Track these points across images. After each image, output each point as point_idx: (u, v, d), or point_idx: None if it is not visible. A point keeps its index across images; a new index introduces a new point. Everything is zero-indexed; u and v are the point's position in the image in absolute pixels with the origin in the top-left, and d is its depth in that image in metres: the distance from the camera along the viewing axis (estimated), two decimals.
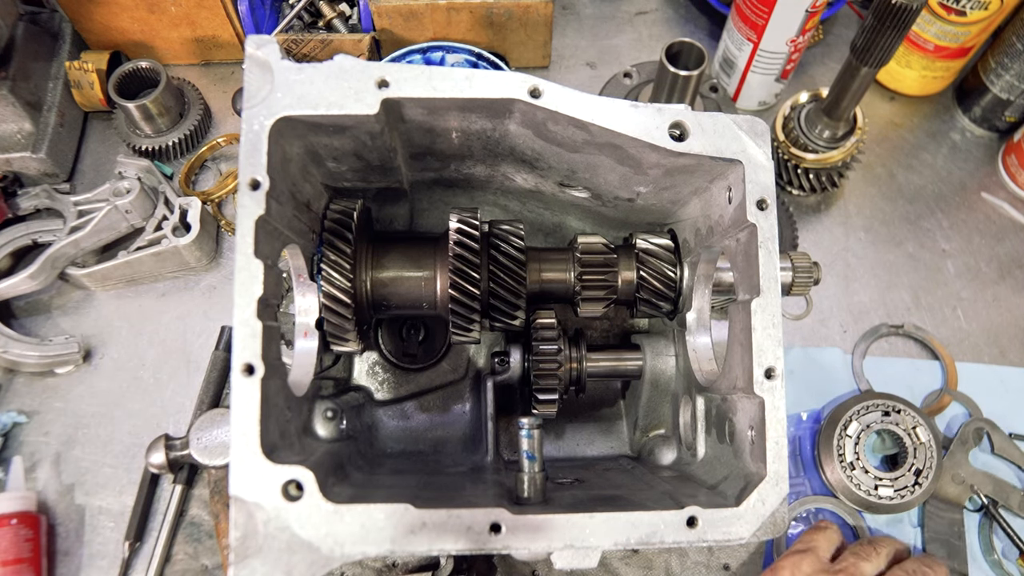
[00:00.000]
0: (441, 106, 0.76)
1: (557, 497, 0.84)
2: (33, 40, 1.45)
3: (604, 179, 0.90)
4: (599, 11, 1.73)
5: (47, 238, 1.32)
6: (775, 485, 0.72)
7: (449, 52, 1.44)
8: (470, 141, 0.86)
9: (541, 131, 0.81)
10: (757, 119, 0.78)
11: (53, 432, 1.27)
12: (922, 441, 1.19)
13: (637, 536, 0.71)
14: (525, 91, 0.74)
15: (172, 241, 1.31)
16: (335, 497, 0.68)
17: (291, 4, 1.58)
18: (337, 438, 0.95)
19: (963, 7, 1.38)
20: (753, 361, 0.74)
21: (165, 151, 1.47)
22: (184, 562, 1.18)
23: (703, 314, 0.95)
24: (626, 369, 1.04)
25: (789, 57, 1.46)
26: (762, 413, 0.74)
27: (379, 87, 0.72)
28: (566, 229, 1.11)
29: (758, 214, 0.76)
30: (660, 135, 0.76)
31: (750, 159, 0.77)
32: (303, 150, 0.80)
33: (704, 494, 0.81)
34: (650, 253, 0.96)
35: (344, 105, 0.72)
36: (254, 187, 0.70)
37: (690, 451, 0.95)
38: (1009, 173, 1.53)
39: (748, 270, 0.78)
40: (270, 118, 0.71)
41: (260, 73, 0.71)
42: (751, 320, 0.75)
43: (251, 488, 0.66)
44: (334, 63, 0.73)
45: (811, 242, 1.47)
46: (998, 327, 1.40)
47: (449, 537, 0.69)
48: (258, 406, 0.67)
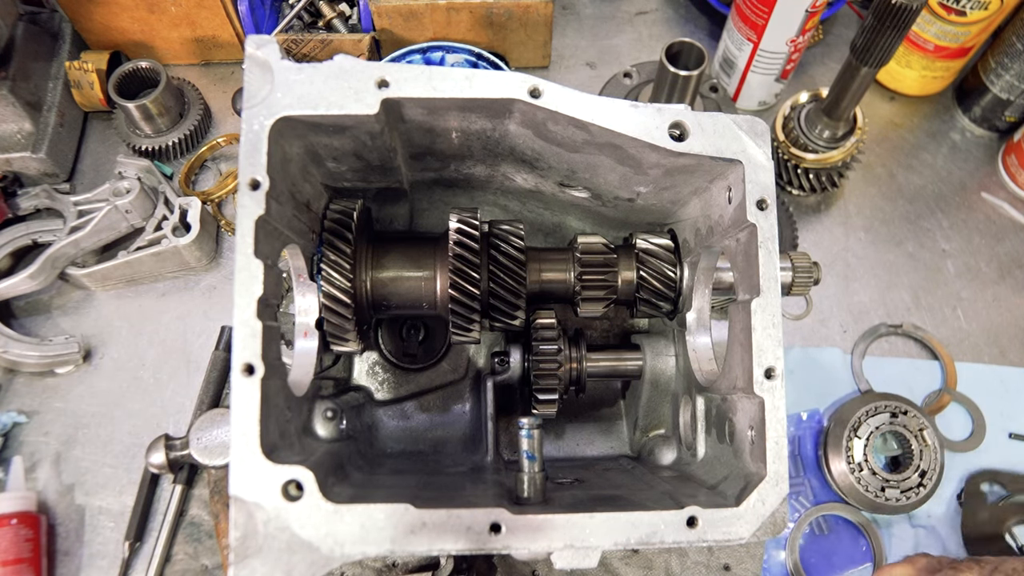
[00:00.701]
0: (441, 106, 0.76)
1: (557, 497, 0.84)
2: (33, 40, 1.45)
3: (604, 179, 0.90)
4: (599, 11, 1.73)
5: (47, 238, 1.32)
6: (775, 485, 0.72)
7: (449, 52, 1.44)
8: (470, 141, 0.86)
9: (541, 131, 0.81)
10: (757, 119, 0.78)
11: (53, 432, 1.27)
12: (928, 443, 1.19)
13: (637, 536, 0.71)
14: (525, 91, 0.74)
15: (172, 241, 1.31)
16: (335, 497, 0.68)
17: (291, 4, 1.58)
18: (337, 438, 0.95)
19: (963, 7, 1.38)
20: (753, 361, 0.74)
21: (165, 151, 1.47)
22: (184, 562, 1.18)
23: (703, 314, 0.95)
24: (626, 369, 1.04)
25: (789, 57, 1.46)
26: (762, 413, 0.74)
27: (379, 87, 0.72)
28: (566, 229, 1.11)
29: (758, 214, 0.76)
30: (660, 135, 0.76)
31: (750, 159, 0.77)
32: (303, 150, 0.80)
33: (704, 494, 0.81)
34: (650, 253, 0.96)
35: (344, 105, 0.72)
36: (254, 187, 0.70)
37: (690, 451, 0.95)
38: (1009, 173, 1.53)
39: (748, 270, 0.78)
40: (270, 118, 0.71)
41: (260, 73, 0.71)
42: (751, 320, 0.75)
43: (251, 488, 0.66)
44: (334, 63, 0.73)
45: (811, 242, 1.47)
46: (998, 327, 1.40)
47: (449, 537, 0.69)
48: (258, 406, 0.67)
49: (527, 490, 0.82)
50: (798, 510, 1.24)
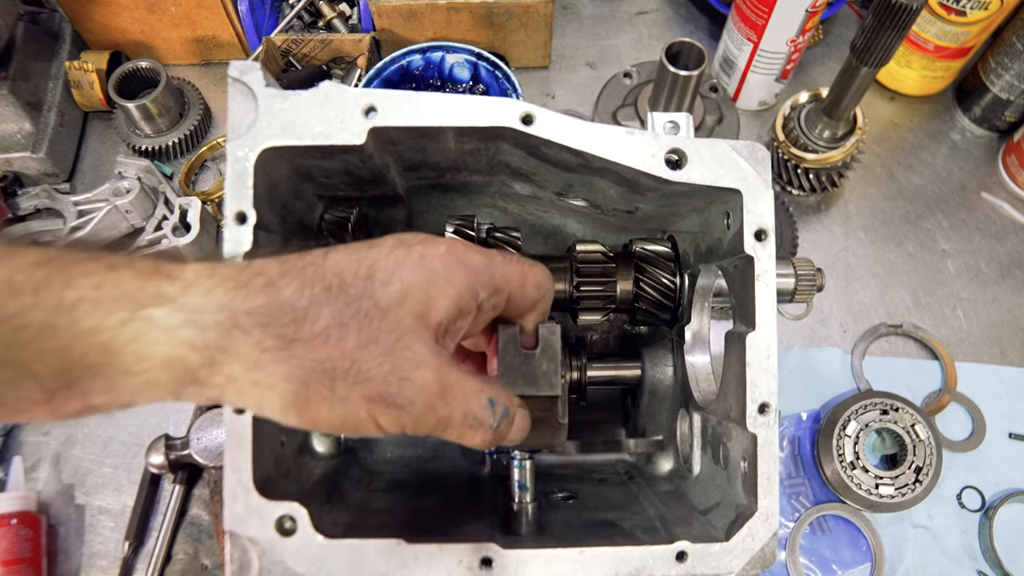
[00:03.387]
0: (431, 132, 0.75)
1: (549, 522, 0.84)
2: (33, 40, 1.45)
3: (602, 194, 0.89)
4: (599, 11, 1.73)
5: (47, 238, 1.32)
6: (765, 520, 0.72)
7: (449, 52, 1.44)
8: (464, 157, 0.85)
9: (535, 152, 0.79)
10: (757, 145, 0.75)
11: (53, 432, 1.27)
12: (921, 439, 1.19)
13: (626, 570, 0.71)
14: (517, 118, 0.72)
15: (172, 241, 1.31)
16: (329, 528, 0.68)
17: (291, 4, 1.59)
18: (335, 454, 0.94)
19: (963, 7, 1.38)
20: (747, 397, 0.73)
21: (165, 151, 1.47)
22: (184, 562, 1.18)
23: (702, 333, 0.93)
24: (625, 377, 1.04)
25: (789, 57, 1.46)
26: (754, 447, 0.72)
27: (366, 114, 0.71)
28: (566, 231, 1.11)
29: (756, 245, 0.73)
30: (656, 163, 0.74)
31: (749, 187, 0.74)
32: (292, 171, 0.80)
33: (696, 521, 0.81)
34: (649, 262, 0.94)
35: (330, 135, 0.70)
36: (241, 220, 0.68)
37: (686, 464, 0.94)
38: (1009, 173, 1.53)
39: (744, 301, 0.75)
40: (255, 149, 0.69)
41: (244, 101, 0.70)
42: (745, 355, 0.73)
43: (245, 523, 0.67)
44: (319, 90, 0.71)
45: (811, 242, 1.47)
46: (998, 327, 1.40)
47: (441, 571, 0.69)
48: (250, 443, 0.67)
49: (519, 519, 0.82)
50: (798, 510, 1.24)
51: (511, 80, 1.39)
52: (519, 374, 0.70)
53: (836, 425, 1.21)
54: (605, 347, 1.15)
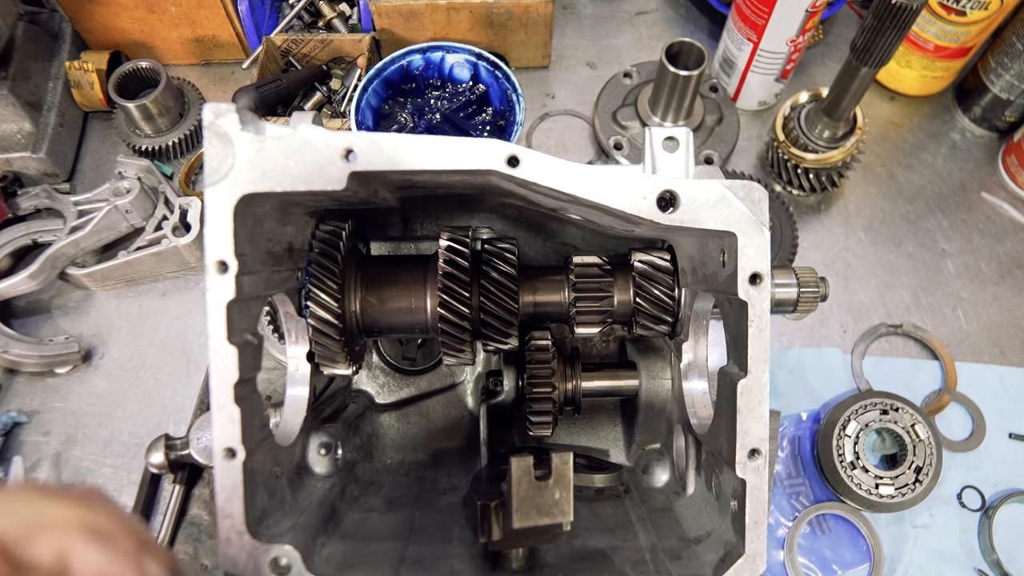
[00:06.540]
0: (415, 175, 0.73)
1: (540, 553, 0.83)
2: (33, 40, 1.45)
3: (597, 221, 0.88)
4: (599, 11, 1.73)
5: (47, 238, 1.33)
6: (751, 562, 0.71)
7: (449, 52, 1.44)
8: (453, 182, 0.83)
9: (524, 185, 0.77)
10: (755, 185, 0.72)
11: (53, 432, 1.27)
12: (921, 438, 1.19)
13: None
14: (502, 160, 0.70)
15: (172, 241, 1.31)
16: (323, 567, 0.68)
17: (291, 4, 1.59)
18: (332, 472, 0.94)
19: (963, 7, 1.38)
20: (737, 443, 0.72)
21: (165, 151, 1.47)
22: (184, 562, 1.18)
23: (698, 360, 0.92)
24: (621, 389, 1.03)
25: (789, 57, 1.46)
26: (743, 490, 0.72)
27: (345, 158, 0.68)
28: (565, 234, 1.10)
29: (750, 290, 0.70)
30: (647, 206, 0.71)
31: (744, 230, 0.71)
32: (278, 204, 0.77)
33: (685, 554, 0.80)
34: (647, 276, 0.92)
35: (310, 181, 0.67)
36: (222, 269, 0.66)
37: (681, 480, 0.94)
38: (1009, 173, 1.53)
39: (737, 342, 0.73)
40: (233, 195, 0.66)
41: (221, 146, 0.67)
42: (737, 401, 0.71)
43: (239, 565, 0.67)
44: (297, 135, 0.68)
45: (811, 242, 1.47)
46: (998, 327, 1.40)
47: None
48: (242, 488, 0.68)
49: (509, 553, 0.82)
50: (798, 510, 1.24)
51: (511, 80, 1.39)
52: (532, 506, 0.71)
53: (836, 425, 1.21)
54: (604, 350, 1.15)
